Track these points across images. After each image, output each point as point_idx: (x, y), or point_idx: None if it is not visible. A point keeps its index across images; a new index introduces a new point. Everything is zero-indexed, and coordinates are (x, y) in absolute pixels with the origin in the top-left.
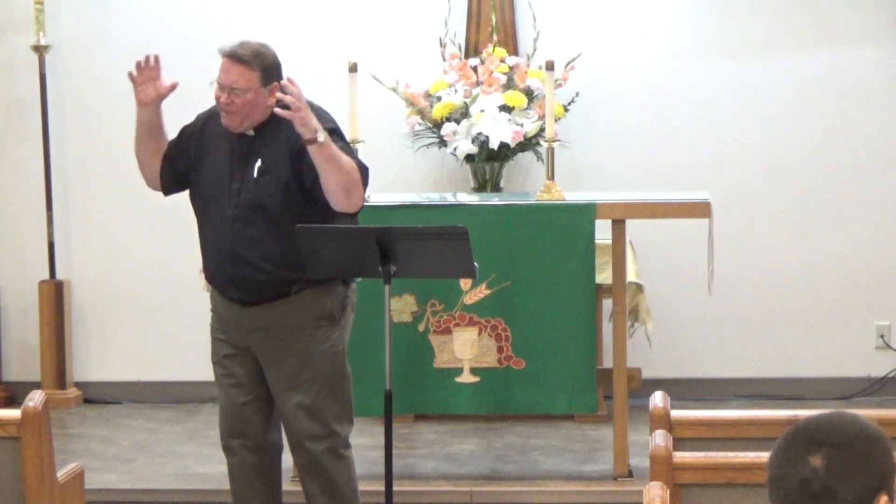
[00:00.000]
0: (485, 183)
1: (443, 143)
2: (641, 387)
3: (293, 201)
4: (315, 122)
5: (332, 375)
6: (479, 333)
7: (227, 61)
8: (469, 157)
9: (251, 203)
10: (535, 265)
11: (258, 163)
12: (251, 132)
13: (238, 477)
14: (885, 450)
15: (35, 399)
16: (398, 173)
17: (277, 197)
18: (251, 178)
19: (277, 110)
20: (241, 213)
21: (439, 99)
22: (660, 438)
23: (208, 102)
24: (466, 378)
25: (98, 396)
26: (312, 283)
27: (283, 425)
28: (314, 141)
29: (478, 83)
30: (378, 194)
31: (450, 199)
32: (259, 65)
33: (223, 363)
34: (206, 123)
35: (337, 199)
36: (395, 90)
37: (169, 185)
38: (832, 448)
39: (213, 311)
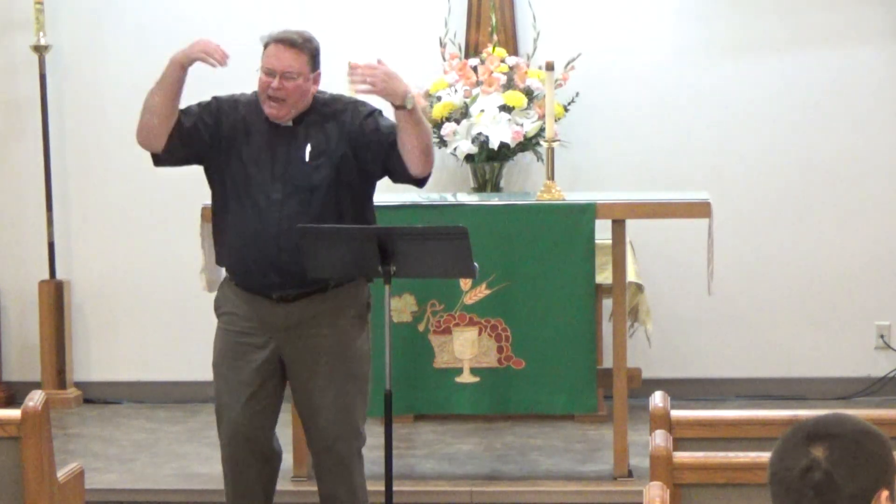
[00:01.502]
0: (485, 183)
1: (443, 143)
2: (641, 387)
3: (346, 183)
4: (400, 87)
5: (361, 375)
6: (479, 333)
7: (278, 46)
8: (469, 157)
9: (303, 185)
10: (535, 265)
11: (308, 147)
12: (290, 123)
13: (237, 482)
14: (885, 446)
15: (35, 399)
16: None
17: (331, 178)
18: (301, 161)
19: (358, 87)
20: (291, 195)
21: (439, 99)
22: (660, 438)
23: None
24: (466, 378)
25: (98, 396)
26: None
27: (309, 426)
28: (403, 107)
29: (478, 83)
30: (378, 194)
31: (450, 199)
32: (308, 50)
33: (235, 368)
34: (246, 112)
35: (416, 161)
36: None
37: (169, 155)
38: (833, 439)
39: (229, 312)
